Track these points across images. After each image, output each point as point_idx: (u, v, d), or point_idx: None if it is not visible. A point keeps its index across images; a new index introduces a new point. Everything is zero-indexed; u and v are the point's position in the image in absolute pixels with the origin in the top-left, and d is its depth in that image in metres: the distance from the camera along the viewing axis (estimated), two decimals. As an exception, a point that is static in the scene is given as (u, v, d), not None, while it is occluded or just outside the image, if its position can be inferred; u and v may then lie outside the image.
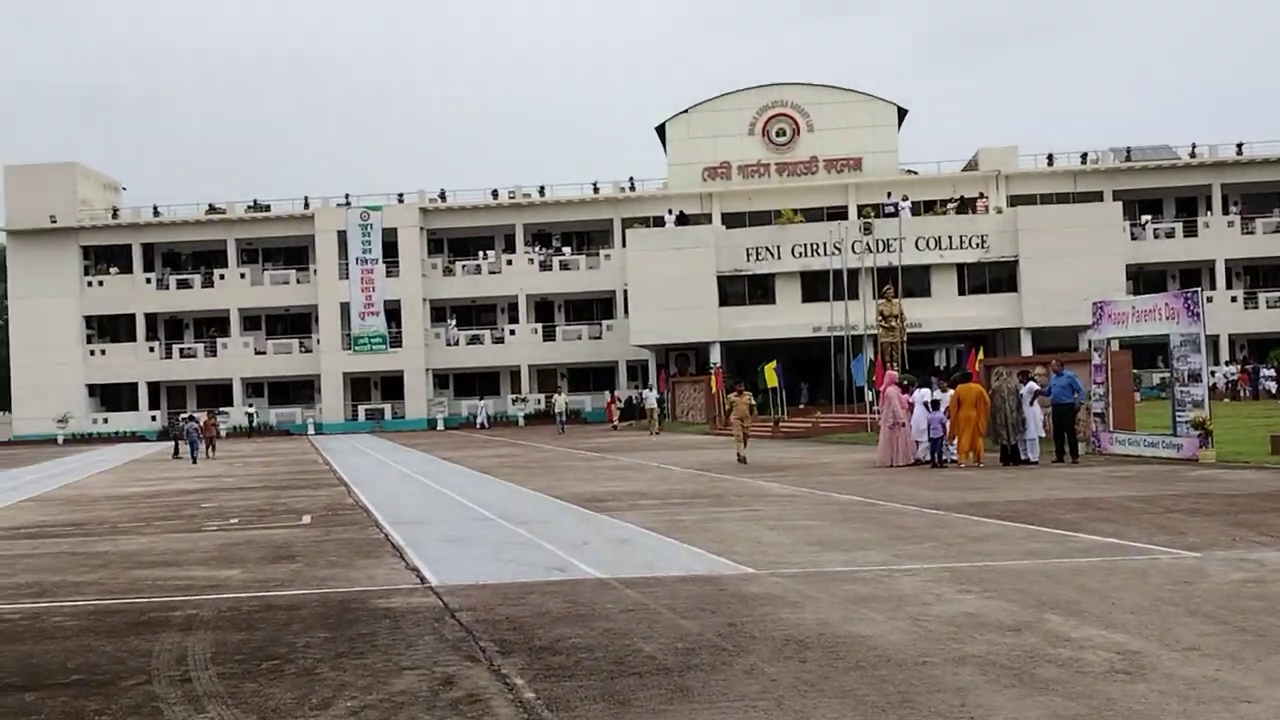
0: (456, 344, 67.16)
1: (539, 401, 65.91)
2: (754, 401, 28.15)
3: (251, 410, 66.55)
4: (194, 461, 37.64)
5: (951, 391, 23.96)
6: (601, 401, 63.58)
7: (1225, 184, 64.51)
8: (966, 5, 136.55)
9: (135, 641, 8.68)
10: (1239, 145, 65.13)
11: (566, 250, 68.13)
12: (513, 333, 66.53)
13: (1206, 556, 10.59)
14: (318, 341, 67.30)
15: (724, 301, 56.69)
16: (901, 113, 65.90)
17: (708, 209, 64.58)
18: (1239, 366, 58.46)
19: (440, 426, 64.08)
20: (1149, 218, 64.66)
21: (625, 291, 60.25)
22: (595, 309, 67.91)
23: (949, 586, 9.59)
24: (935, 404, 24.16)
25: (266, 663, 7.77)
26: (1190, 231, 64.16)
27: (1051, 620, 8.08)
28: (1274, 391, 53.91)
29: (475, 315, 69.69)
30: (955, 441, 23.60)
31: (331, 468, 31.47)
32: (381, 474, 28.42)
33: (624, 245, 60.47)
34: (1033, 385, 23.72)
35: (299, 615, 9.47)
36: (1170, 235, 64.47)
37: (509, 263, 66.95)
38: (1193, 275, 63.21)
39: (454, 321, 68.29)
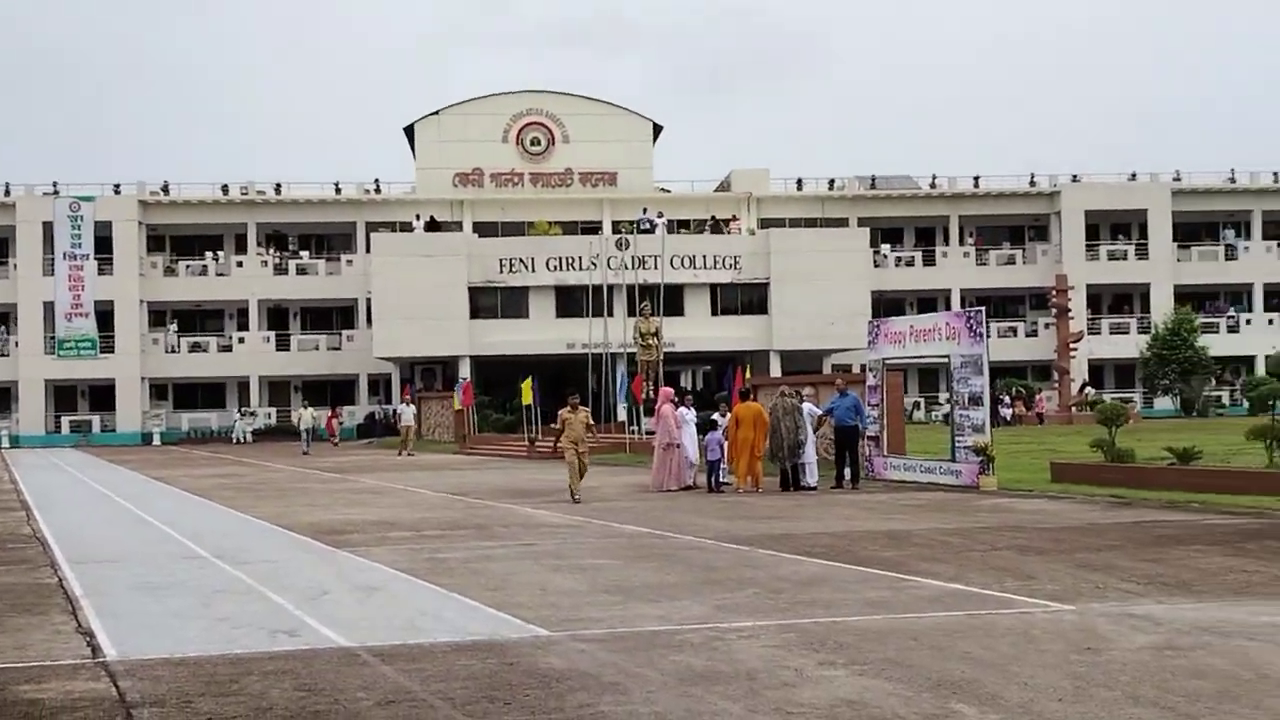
0: (177, 351, 62.01)
1: (269, 416, 61.55)
2: (590, 420, 21.91)
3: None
4: None
5: (729, 411, 22.31)
6: (349, 418, 59.79)
7: (962, 215, 66.13)
8: (718, 41, 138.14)
9: None
10: (975, 178, 66.96)
11: (304, 254, 63.99)
12: (242, 341, 61.86)
13: (1084, 611, 8.91)
14: (16, 344, 60.74)
15: (475, 314, 54.10)
16: (657, 129, 64.93)
17: (459, 216, 61.80)
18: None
19: (156, 441, 58.88)
20: (889, 246, 65.65)
21: (369, 300, 56.80)
22: (335, 318, 64.07)
23: (804, 656, 7.53)
24: (713, 424, 22.45)
25: None
26: (929, 260, 65.48)
27: (966, 714, 6.09)
28: (1008, 419, 55.05)
29: (200, 320, 64.62)
30: (733, 464, 21.90)
31: (16, 487, 27.25)
32: (75, 495, 24.68)
33: (368, 251, 57.07)
34: (810, 406, 22.26)
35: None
36: (910, 264, 65.64)
37: (239, 264, 62.29)
38: (930, 303, 64.42)
39: (175, 326, 63.05)
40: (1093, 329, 61.53)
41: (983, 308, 21.98)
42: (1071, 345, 55.45)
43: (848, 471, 21.98)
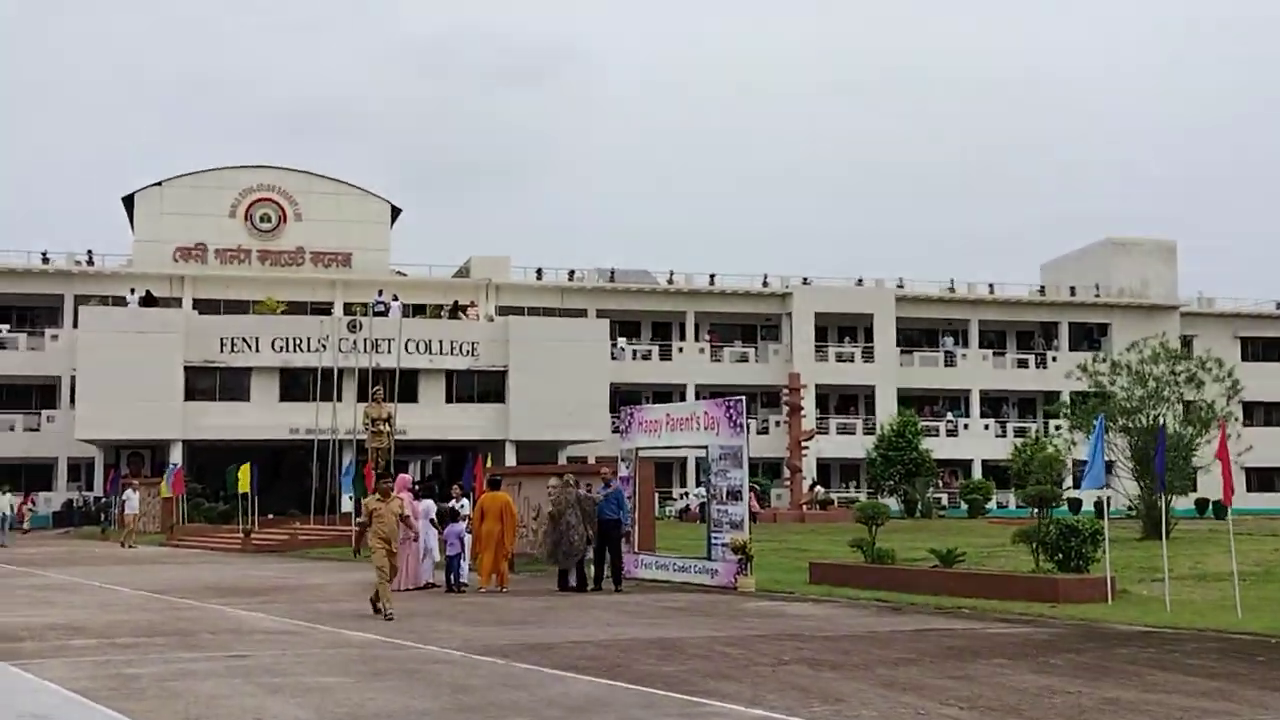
0: None
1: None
2: (405, 511, 17.76)
3: None
4: None
5: (469, 502, 20.50)
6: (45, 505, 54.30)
7: (698, 311, 66.53)
8: (451, 135, 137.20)
9: None
10: (711, 275, 67.63)
11: (4, 327, 58.47)
12: (-65, 417, 55.77)
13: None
14: None
15: (190, 395, 50.23)
16: (395, 211, 62.90)
17: (179, 293, 57.74)
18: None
19: None
20: (626, 339, 65.33)
21: (74, 378, 52.03)
22: (35, 396, 58.55)
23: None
24: (454, 514, 20.58)
25: None
26: (665, 355, 65.43)
27: None
28: (753, 514, 54.95)
29: (-125, 393, 58.05)
30: (475, 560, 20.05)
31: None
32: None
33: (75, 325, 52.47)
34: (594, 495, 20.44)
35: None
36: (647, 357, 65.44)
37: (-74, 336, 56.38)
38: (666, 396, 64.10)
39: None
40: (821, 428, 62.51)
41: (742, 397, 20.99)
42: (804, 443, 55.95)
43: (607, 570, 20.33)
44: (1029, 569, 18.60)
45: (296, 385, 50.88)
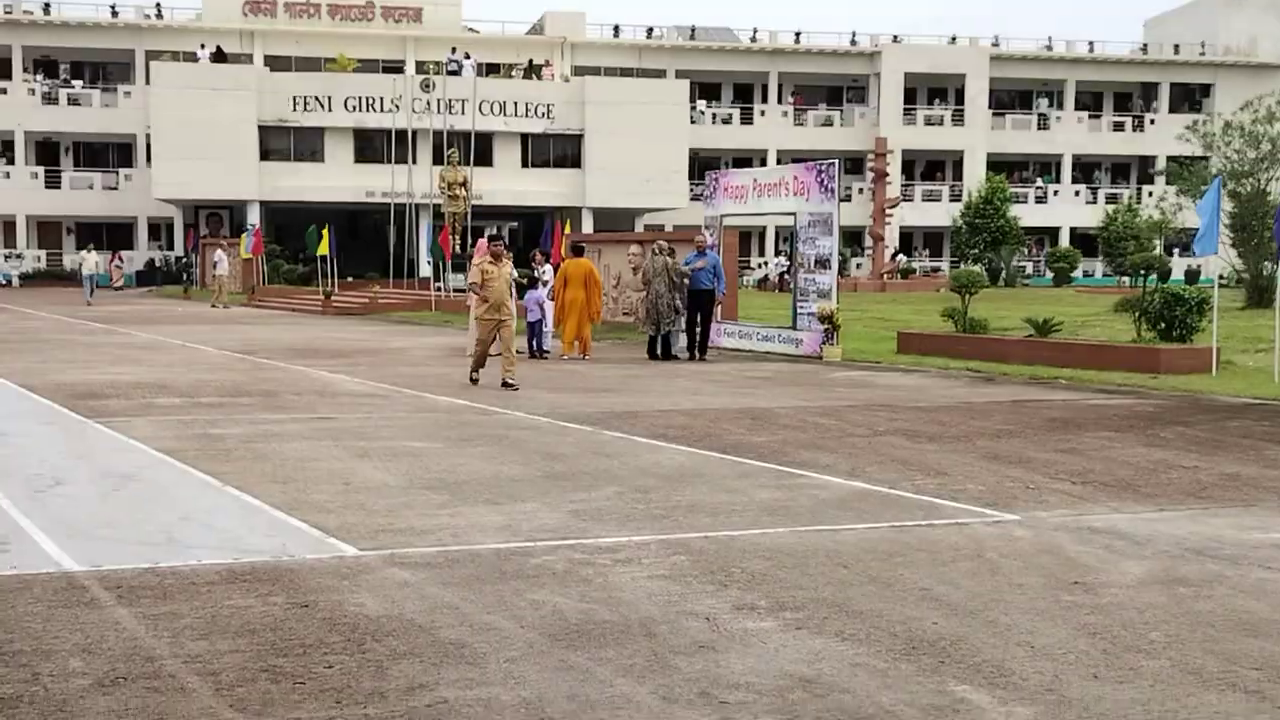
0: (-68, 186, 55.99)
1: (38, 259, 56.32)
2: (516, 275, 15.73)
3: None
4: None
5: (552, 268, 20.11)
6: (128, 264, 54.95)
7: (782, 72, 64.39)
8: None
9: None
10: (796, 34, 65.19)
11: (77, 83, 58.14)
12: (7, 175, 56.15)
13: (1034, 524, 7.19)
14: None
15: (265, 156, 50.02)
16: (468, -35, 60.83)
17: (249, 48, 56.82)
18: (785, 259, 58.84)
19: (-90, 283, 53.33)
20: (705, 102, 63.59)
21: (148, 136, 51.89)
22: (112, 154, 58.64)
23: (710, 593, 5.57)
24: (534, 280, 20.24)
25: None
26: (747, 119, 63.74)
27: (979, 706, 4.21)
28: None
29: (-41, 154, 58.45)
30: (559, 327, 19.80)
31: None
32: None
33: (148, 82, 51.95)
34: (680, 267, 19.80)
35: None
36: (728, 121, 63.85)
37: (3, 92, 56.15)
38: (745, 163, 62.84)
39: (-70, 159, 56.94)
40: (906, 195, 61.08)
41: (835, 161, 20.13)
42: (888, 211, 54.74)
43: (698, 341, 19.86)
44: (1128, 339, 17.98)
45: (371, 147, 50.45)
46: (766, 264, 57.65)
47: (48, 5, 57.07)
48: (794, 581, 5.81)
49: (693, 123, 59.76)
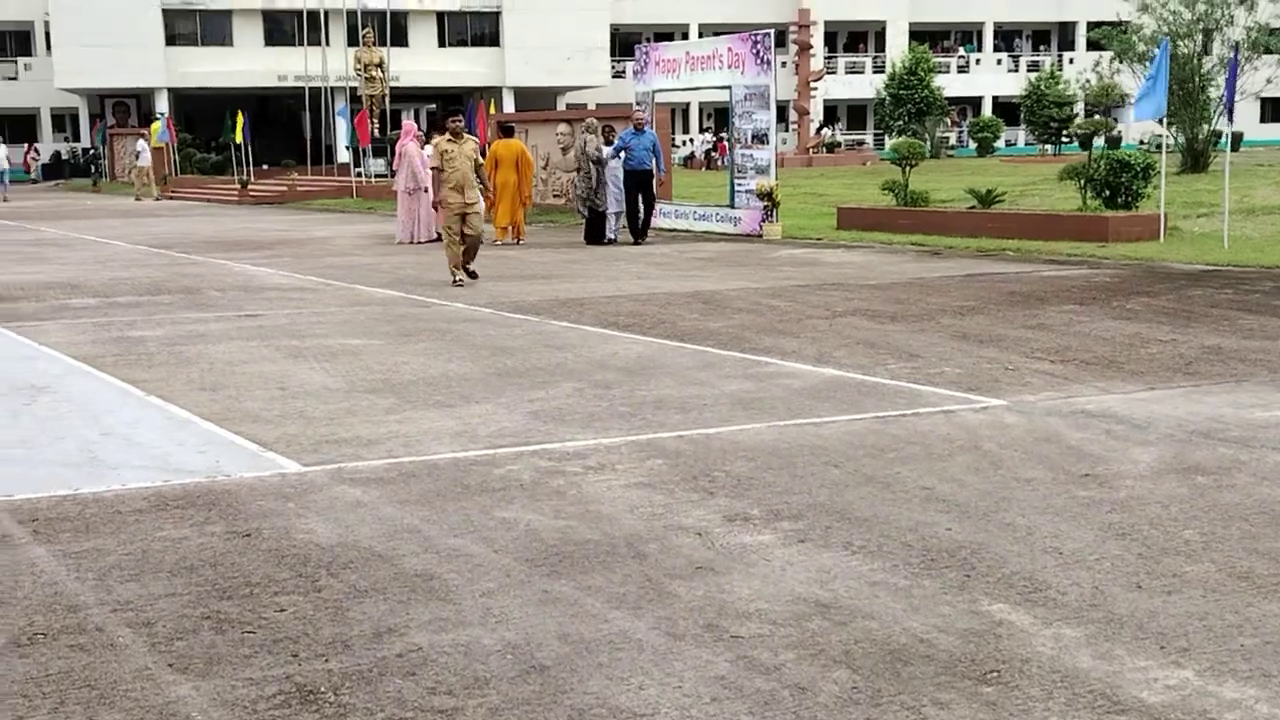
0: None
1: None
2: (479, 157, 13.55)
3: None
4: None
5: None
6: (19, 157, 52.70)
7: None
8: None
9: None
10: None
11: (-36, -35, 55.07)
12: (-102, 68, 53.38)
13: (1024, 409, 6.77)
14: None
15: (171, 41, 47.90)
16: None
17: (148, -75, 54.06)
18: (713, 135, 57.86)
19: None
20: (625, -27, 61.75)
21: (48, 23, 49.35)
22: (9, 42, 55.86)
23: (696, 502, 5.08)
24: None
25: None
26: (667, -8, 62.16)
27: (1019, 627, 3.78)
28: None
29: None
30: (491, 211, 19.04)
31: None
32: None
33: (41, -37, 49.29)
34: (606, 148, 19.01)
35: None
36: (647, -7, 62.21)
37: (-114, -22, 53.09)
38: (667, 38, 61.33)
39: None
40: (829, 68, 60.16)
41: (770, 30, 19.36)
42: (812, 84, 53.86)
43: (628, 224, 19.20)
44: (1072, 208, 17.63)
45: (281, 29, 48.52)
46: (692, 141, 56.71)
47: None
48: (784, 485, 5.34)
49: (613, -2, 58.09)
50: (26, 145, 50.84)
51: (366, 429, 6.54)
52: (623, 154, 18.29)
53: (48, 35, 49.51)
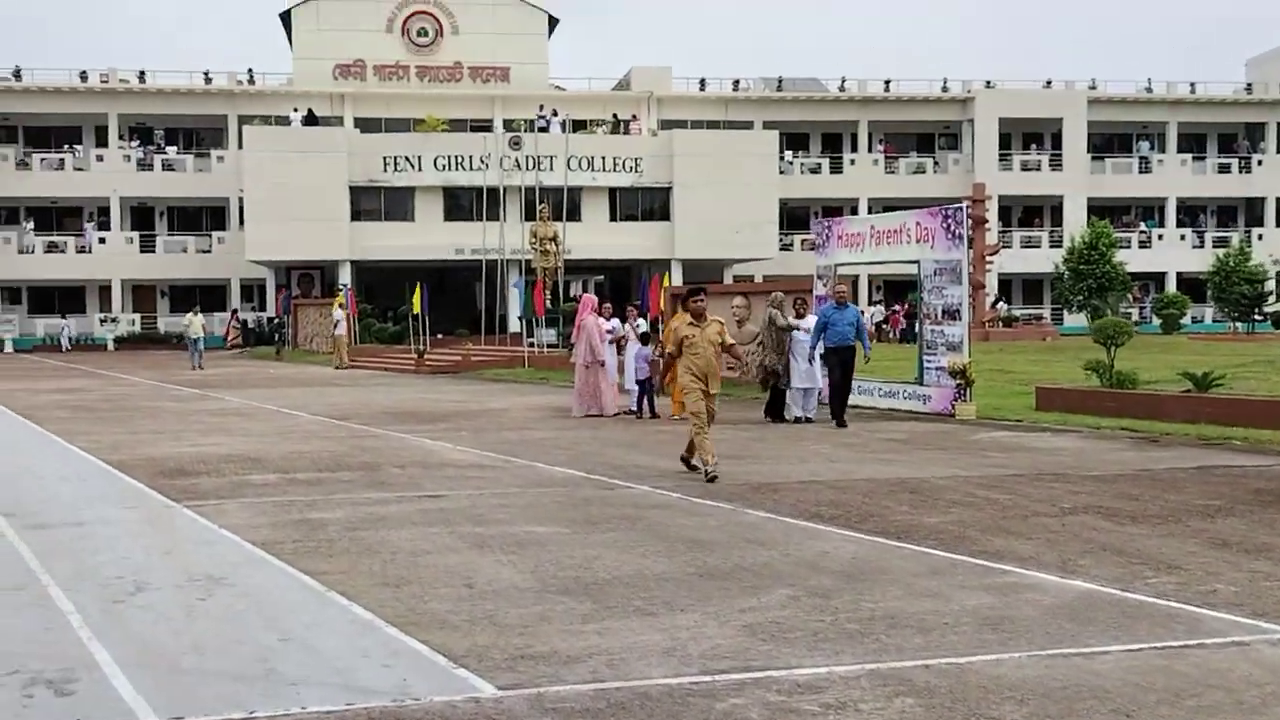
0: (32, 252, 56.49)
1: (133, 322, 56.49)
2: (726, 338, 12.17)
3: None
4: None
5: (647, 321, 18.87)
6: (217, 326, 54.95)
7: (871, 121, 63.11)
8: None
9: None
10: (886, 82, 63.92)
11: (171, 149, 58.59)
12: (103, 240, 56.54)
13: (1329, 638, 5.74)
14: None
15: (356, 216, 49.82)
16: (553, 22, 60.47)
17: (339, 111, 56.88)
18: (882, 308, 57.11)
19: (8, 349, 53.70)
20: (793, 152, 62.38)
21: (241, 199, 51.91)
22: (205, 218, 58.96)
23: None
24: (644, 337, 19.07)
25: None
26: (836, 168, 62.49)
27: None
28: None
29: (57, 219, 59.05)
30: (668, 385, 18.52)
31: None
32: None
33: (240, 146, 52.05)
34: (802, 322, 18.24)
35: None
36: (816, 170, 62.67)
37: (99, 159, 56.72)
38: (836, 213, 61.48)
39: (30, 225, 57.49)
40: (1004, 242, 59.23)
41: (964, 204, 18.74)
42: (988, 258, 52.91)
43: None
44: (1299, 393, 16.31)
45: (460, 205, 50.04)
46: (863, 314, 56.01)
47: (143, 73, 57.67)
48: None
49: (781, 173, 58.60)
50: (230, 314, 53.26)
51: (564, 641, 5.85)
52: (825, 330, 17.55)
53: (241, 211, 51.96)
